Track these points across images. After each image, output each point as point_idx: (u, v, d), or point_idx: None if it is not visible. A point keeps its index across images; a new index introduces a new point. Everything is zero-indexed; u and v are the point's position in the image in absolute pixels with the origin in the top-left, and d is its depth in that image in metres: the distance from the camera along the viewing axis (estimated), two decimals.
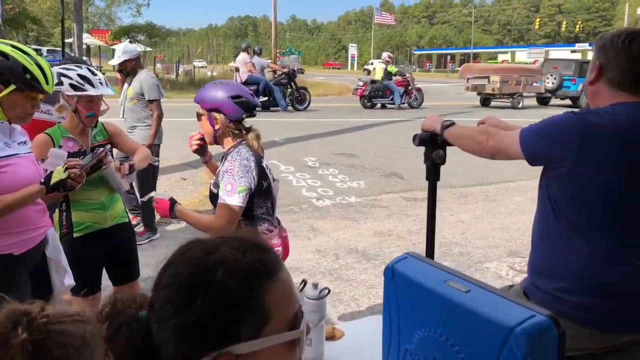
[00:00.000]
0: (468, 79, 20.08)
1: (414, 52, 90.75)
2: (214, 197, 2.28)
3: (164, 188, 6.72)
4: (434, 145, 1.99)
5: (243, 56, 14.88)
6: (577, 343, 1.62)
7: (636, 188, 1.56)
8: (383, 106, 17.51)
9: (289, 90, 15.96)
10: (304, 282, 1.68)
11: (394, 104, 17.11)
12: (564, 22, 66.16)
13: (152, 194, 2.37)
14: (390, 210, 6.29)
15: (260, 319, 0.74)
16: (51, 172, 2.08)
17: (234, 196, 2.17)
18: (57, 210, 2.61)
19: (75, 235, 2.58)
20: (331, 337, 1.76)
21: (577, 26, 62.64)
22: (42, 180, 2.06)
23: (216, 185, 2.26)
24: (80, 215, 2.59)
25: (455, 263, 4.69)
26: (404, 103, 17.33)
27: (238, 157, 2.23)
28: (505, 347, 0.99)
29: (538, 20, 71.15)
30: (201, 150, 2.54)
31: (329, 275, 4.34)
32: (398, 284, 1.26)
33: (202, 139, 2.49)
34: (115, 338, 0.77)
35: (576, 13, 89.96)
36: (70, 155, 2.43)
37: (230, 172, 2.19)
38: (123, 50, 4.89)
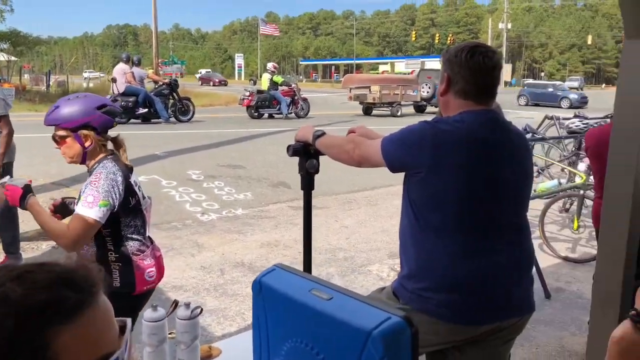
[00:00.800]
0: (351, 89, 20.83)
1: (300, 63, 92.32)
2: None
3: None
4: (307, 155, 2.02)
5: (122, 66, 14.24)
6: (441, 338, 1.73)
7: (486, 189, 1.70)
8: (270, 116, 17.58)
9: (171, 101, 15.47)
10: (175, 303, 1.62)
11: (281, 114, 17.24)
12: (437, 35, 70.94)
13: (6, 179, 2.15)
14: (277, 220, 6.31)
15: None
16: None
17: (93, 209, 2.02)
18: None
19: None
20: (207, 357, 1.71)
21: (449, 38, 67.51)
22: None
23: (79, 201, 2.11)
24: None
25: (340, 268, 4.80)
26: (290, 113, 17.53)
27: (104, 170, 2.10)
28: (365, 351, 1.02)
29: (414, 32, 75.58)
30: (65, 209, 2.35)
31: (214, 291, 4.24)
32: (265, 297, 1.25)
33: (57, 205, 2.32)
34: None
35: (447, 26, 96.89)
36: None
37: (95, 185, 2.06)
38: None
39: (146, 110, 14.50)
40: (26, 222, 5.78)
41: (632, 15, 2.74)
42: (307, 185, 2.09)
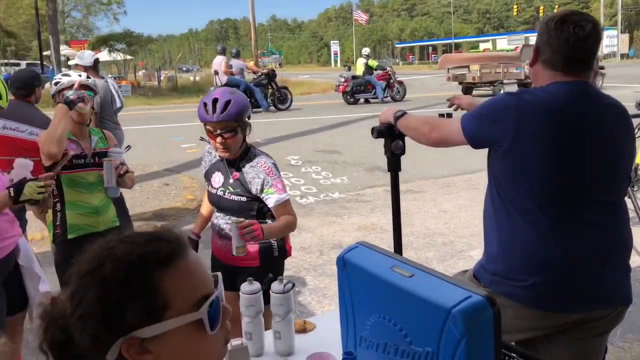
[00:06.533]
0: (448, 69, 20.18)
1: (396, 46, 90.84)
2: (234, 205, 2.27)
3: (147, 195, 6.71)
4: (392, 136, 2.02)
5: (220, 59, 14.84)
6: (526, 324, 1.64)
7: (571, 164, 1.59)
8: (366, 101, 17.57)
9: (270, 90, 15.94)
10: (269, 278, 1.72)
11: (377, 98, 17.17)
12: (542, 7, 66.42)
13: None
14: (373, 204, 6.33)
15: (157, 304, 0.79)
16: (21, 183, 2.08)
17: (286, 191, 2.27)
18: (50, 211, 2.66)
19: (69, 237, 2.62)
20: (302, 330, 1.79)
21: (555, 10, 62.92)
22: (12, 192, 2.05)
23: (242, 193, 2.25)
24: (75, 218, 2.63)
25: (439, 253, 4.74)
26: (386, 97, 17.39)
27: (266, 158, 2.32)
28: (445, 328, 1.03)
29: (516, 6, 71.31)
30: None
31: (313, 271, 4.38)
32: (350, 273, 1.30)
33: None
34: (46, 334, 0.84)
35: None
36: (73, 157, 2.57)
37: (272, 173, 2.26)
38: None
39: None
40: (143, 204, 6.31)
41: None
42: (394, 167, 2.10)
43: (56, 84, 2.76)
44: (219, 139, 2.19)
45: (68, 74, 2.87)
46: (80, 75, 2.81)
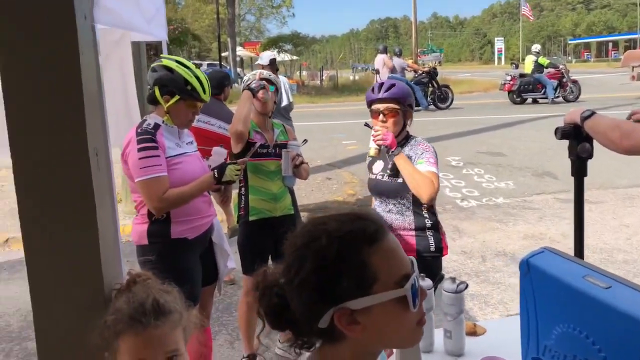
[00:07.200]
0: (633, 67, 18.06)
1: (569, 42, 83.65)
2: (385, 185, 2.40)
3: (311, 187, 7.06)
4: (578, 138, 1.88)
5: (381, 57, 14.98)
6: None
7: None
8: (534, 101, 16.48)
9: (430, 89, 15.73)
10: (441, 276, 1.73)
11: (546, 98, 16.01)
12: None
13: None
14: (542, 212, 5.95)
15: (366, 278, 0.85)
16: (222, 166, 2.36)
17: (436, 168, 2.34)
18: (235, 194, 3.01)
19: (250, 219, 2.93)
20: (472, 333, 1.77)
21: None
22: (216, 173, 2.33)
23: (400, 175, 2.37)
24: (256, 202, 2.94)
25: (618, 271, 4.29)
26: (558, 97, 16.13)
27: (426, 142, 2.45)
28: None
29: None
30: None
31: (475, 277, 4.26)
32: (534, 279, 1.26)
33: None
34: (262, 300, 0.95)
35: None
36: (260, 146, 2.85)
37: (428, 150, 2.39)
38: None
39: None
40: (307, 196, 6.66)
41: None
42: (578, 171, 1.96)
43: (244, 81, 3.11)
44: (380, 117, 2.40)
45: (254, 72, 3.24)
46: (262, 72, 3.15)
